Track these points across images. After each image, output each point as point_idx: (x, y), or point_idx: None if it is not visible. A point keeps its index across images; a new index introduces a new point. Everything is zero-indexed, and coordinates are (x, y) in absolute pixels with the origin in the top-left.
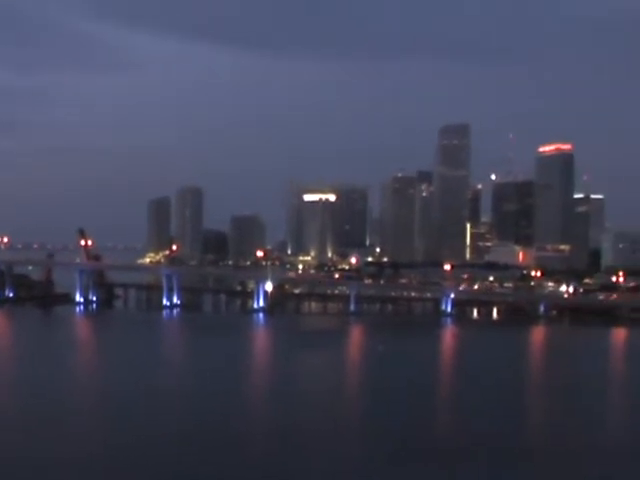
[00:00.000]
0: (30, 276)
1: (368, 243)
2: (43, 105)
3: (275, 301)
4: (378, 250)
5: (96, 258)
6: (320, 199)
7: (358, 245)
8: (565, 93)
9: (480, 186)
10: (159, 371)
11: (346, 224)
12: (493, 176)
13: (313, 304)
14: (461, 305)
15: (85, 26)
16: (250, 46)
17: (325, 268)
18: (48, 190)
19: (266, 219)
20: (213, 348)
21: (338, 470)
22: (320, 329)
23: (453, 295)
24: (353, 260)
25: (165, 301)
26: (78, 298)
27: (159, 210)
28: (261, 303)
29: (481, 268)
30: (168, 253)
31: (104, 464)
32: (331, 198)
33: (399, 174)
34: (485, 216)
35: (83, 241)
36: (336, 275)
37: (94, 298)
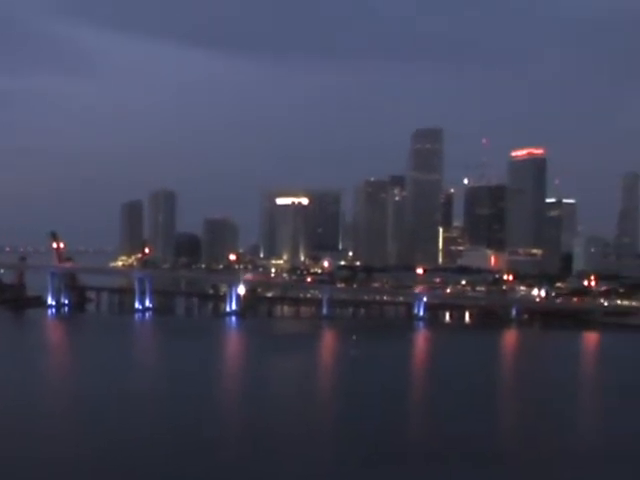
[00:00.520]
0: (2, 279)
1: (341, 247)
2: (15, 106)
3: (247, 304)
4: (351, 254)
5: (68, 261)
6: (293, 203)
7: (331, 249)
8: (539, 97)
9: (453, 190)
10: (131, 375)
11: (319, 228)
12: (466, 180)
13: (286, 308)
14: (434, 309)
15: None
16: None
17: (298, 272)
18: (19, 192)
19: (239, 222)
20: (185, 351)
21: (311, 474)
22: (293, 333)
23: (426, 299)
24: (326, 264)
25: (137, 304)
26: (50, 301)
27: (132, 213)
28: (234, 306)
29: (453, 272)
30: (140, 256)
31: (76, 467)
32: (304, 202)
33: (372, 178)
34: (457, 220)
35: (55, 244)
36: (308, 279)
37: (66, 301)
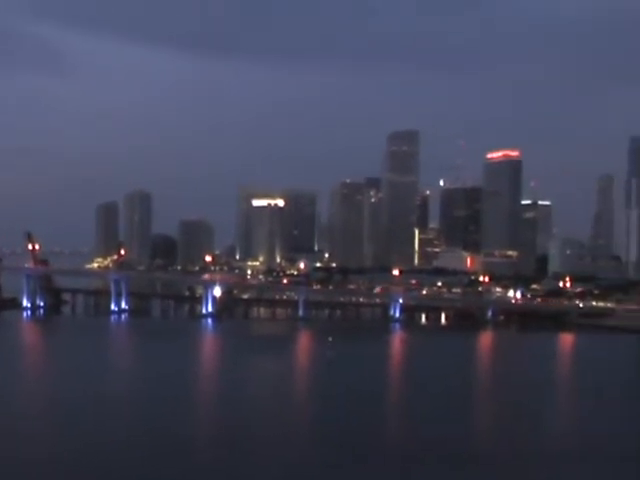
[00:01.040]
0: None
1: (317, 249)
2: None
3: (223, 306)
4: (327, 256)
5: (44, 263)
6: (269, 204)
7: (307, 251)
8: (515, 99)
9: (428, 192)
10: (107, 377)
11: (295, 229)
12: (441, 182)
13: (262, 309)
14: (410, 310)
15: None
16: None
17: (274, 273)
18: None
19: (215, 224)
20: (161, 353)
21: (287, 475)
22: (269, 334)
23: (402, 300)
24: (302, 265)
25: (113, 306)
26: (25, 303)
27: (107, 215)
28: (209, 308)
29: (429, 274)
30: (116, 258)
31: (51, 469)
32: (280, 203)
33: (348, 180)
34: (433, 222)
35: (31, 245)
36: (284, 280)
37: (41, 303)
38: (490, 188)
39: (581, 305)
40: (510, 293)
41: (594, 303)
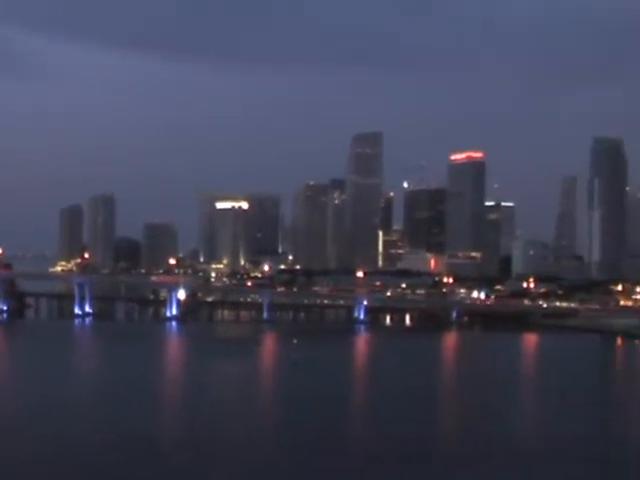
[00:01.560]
0: None
1: (281, 251)
2: None
3: (188, 309)
4: (291, 258)
5: (7, 266)
6: (232, 207)
7: (271, 253)
8: (477, 101)
9: (392, 194)
10: (71, 380)
11: (259, 232)
12: (405, 184)
13: (226, 312)
14: (374, 312)
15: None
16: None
17: (238, 276)
18: None
19: (178, 226)
20: (126, 357)
21: (252, 478)
22: (233, 337)
23: (366, 302)
24: (266, 268)
25: (77, 310)
26: None
27: (71, 218)
28: (174, 311)
29: (393, 275)
30: (80, 261)
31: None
32: (244, 206)
33: (311, 182)
34: (397, 224)
35: None
36: (249, 283)
37: (4, 307)
38: (454, 189)
39: (544, 305)
40: (474, 294)
41: (557, 303)
